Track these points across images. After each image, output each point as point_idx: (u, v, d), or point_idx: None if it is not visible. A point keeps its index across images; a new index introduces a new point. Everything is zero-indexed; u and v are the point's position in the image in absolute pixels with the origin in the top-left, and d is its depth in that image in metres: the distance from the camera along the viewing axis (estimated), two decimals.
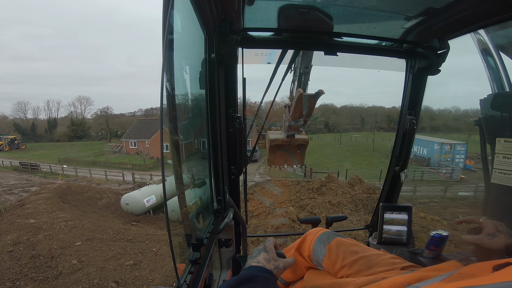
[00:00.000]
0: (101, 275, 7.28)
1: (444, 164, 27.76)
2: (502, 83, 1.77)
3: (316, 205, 12.51)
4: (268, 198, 14.28)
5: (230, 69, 1.76)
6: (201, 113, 1.78)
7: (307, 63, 2.42)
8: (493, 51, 1.79)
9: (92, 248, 8.81)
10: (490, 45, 1.79)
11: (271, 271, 1.09)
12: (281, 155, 3.07)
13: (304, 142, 2.97)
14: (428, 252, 1.67)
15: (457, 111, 30.50)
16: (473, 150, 29.43)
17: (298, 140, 2.90)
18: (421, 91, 2.10)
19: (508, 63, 1.77)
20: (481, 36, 1.80)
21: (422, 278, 0.97)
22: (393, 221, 2.21)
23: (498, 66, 1.78)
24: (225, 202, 1.94)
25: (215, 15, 1.45)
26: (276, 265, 1.13)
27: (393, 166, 2.35)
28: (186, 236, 1.36)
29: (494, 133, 1.75)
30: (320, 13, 1.62)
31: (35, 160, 38.18)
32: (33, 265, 7.48)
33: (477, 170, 26.10)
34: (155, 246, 9.33)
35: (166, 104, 0.99)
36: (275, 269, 1.11)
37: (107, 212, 15.60)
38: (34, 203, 13.29)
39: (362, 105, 78.61)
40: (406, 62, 2.07)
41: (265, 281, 1.00)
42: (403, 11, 1.57)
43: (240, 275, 1.02)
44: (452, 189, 19.54)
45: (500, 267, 0.73)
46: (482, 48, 1.82)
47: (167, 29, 0.88)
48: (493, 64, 1.80)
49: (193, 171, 1.96)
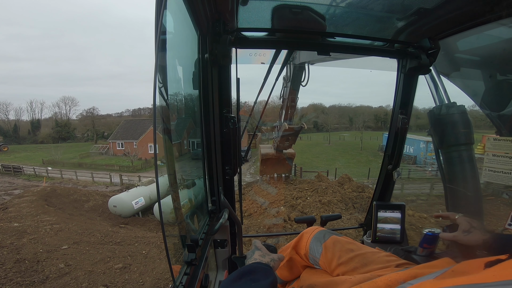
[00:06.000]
0: (89, 278, 7.12)
1: (429, 162, 28.37)
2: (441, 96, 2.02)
3: (306, 204, 12.56)
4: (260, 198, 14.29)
5: (223, 69, 1.75)
6: (194, 114, 1.77)
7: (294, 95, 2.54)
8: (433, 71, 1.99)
9: (79, 251, 8.61)
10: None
11: (268, 264, 1.16)
12: (272, 167, 3.31)
13: (291, 156, 3.28)
14: (421, 250, 1.70)
15: None
16: None
17: (286, 154, 3.18)
18: (412, 91, 2.12)
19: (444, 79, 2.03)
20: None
21: (416, 275, 0.99)
22: (386, 219, 2.24)
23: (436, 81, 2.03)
24: (220, 202, 1.92)
25: (208, 15, 1.44)
26: (271, 258, 1.21)
27: (386, 165, 2.37)
28: (181, 237, 1.35)
29: (441, 140, 1.99)
30: (314, 13, 1.63)
31: (18, 163, 37.04)
32: (18, 269, 7.25)
33: None
34: (144, 249, 9.19)
35: (159, 105, 0.98)
36: (271, 261, 1.19)
37: (94, 215, 15.33)
38: (18, 206, 12.96)
39: (350, 104, 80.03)
40: (397, 62, 2.09)
41: (265, 272, 1.05)
42: (394, 11, 1.60)
43: (241, 269, 1.08)
44: (438, 186, 19.96)
45: (492, 264, 0.75)
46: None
47: (159, 29, 0.87)
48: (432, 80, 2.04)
49: (187, 171, 1.94)
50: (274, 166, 2.70)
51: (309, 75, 2.28)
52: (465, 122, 1.87)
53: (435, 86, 2.01)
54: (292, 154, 2.61)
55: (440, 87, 2.00)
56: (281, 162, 2.65)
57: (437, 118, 2.00)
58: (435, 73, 1.99)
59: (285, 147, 2.44)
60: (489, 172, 1.60)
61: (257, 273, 1.02)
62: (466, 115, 1.87)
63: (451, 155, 1.93)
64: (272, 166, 2.68)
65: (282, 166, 2.72)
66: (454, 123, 1.90)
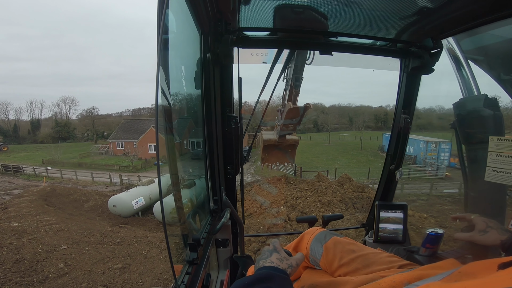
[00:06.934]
0: (89, 279, 7.10)
1: (429, 162, 28.43)
2: (471, 87, 1.88)
3: (306, 204, 12.56)
4: (260, 198, 14.29)
5: (225, 69, 1.76)
6: (196, 113, 1.77)
7: (298, 74, 2.53)
8: (461, 57, 1.89)
9: (79, 251, 8.59)
10: (459, 52, 1.89)
11: (285, 270, 1.08)
12: (274, 154, 3.29)
13: (295, 142, 3.20)
14: (424, 250, 1.69)
15: (441, 110, 31.31)
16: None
17: (289, 140, 3.11)
18: (415, 91, 2.11)
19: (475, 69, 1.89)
20: (450, 44, 1.90)
21: (421, 277, 0.96)
22: (389, 219, 2.23)
23: (467, 72, 1.89)
24: (222, 202, 1.93)
25: (210, 15, 1.44)
26: (289, 263, 1.12)
27: (388, 165, 2.36)
28: (183, 236, 1.35)
29: (467, 134, 1.87)
30: (316, 13, 1.62)
31: (18, 163, 37.01)
32: (18, 269, 7.23)
33: None
34: (144, 249, 9.18)
35: (161, 104, 0.98)
36: (289, 268, 1.10)
37: (94, 215, 15.30)
38: (17, 206, 12.95)
39: (350, 104, 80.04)
40: (400, 61, 2.08)
41: (282, 281, 0.99)
42: (397, 11, 1.58)
43: (257, 274, 1.01)
44: (438, 186, 19.97)
45: (506, 266, 0.70)
46: (452, 54, 1.92)
47: (161, 29, 0.86)
48: (463, 70, 1.91)
49: (189, 171, 1.94)
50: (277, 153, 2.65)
51: (314, 54, 2.27)
52: (496, 117, 1.72)
53: (462, 76, 1.91)
54: (296, 141, 2.60)
55: (470, 77, 1.89)
56: (284, 149, 2.64)
57: (463, 111, 1.89)
58: (465, 62, 1.90)
59: (289, 130, 2.43)
60: (492, 172, 1.59)
61: (274, 282, 0.97)
62: (498, 110, 1.73)
63: (476, 152, 1.82)
64: (274, 153, 2.64)
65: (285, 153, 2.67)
66: (483, 117, 1.75)
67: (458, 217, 1.46)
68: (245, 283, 0.95)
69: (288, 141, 3.14)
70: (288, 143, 3.20)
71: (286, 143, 3.18)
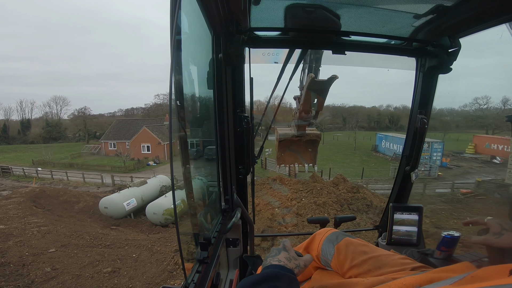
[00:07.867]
0: (77, 283, 7.00)
1: (422, 162, 28.73)
2: None
3: (301, 205, 12.47)
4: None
5: (237, 69, 1.78)
6: (209, 113, 1.80)
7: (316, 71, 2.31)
8: None
9: (67, 254, 8.45)
10: None
11: (292, 270, 1.09)
12: (291, 154, 2.83)
13: (316, 138, 2.73)
14: (439, 253, 1.67)
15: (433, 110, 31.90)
16: (448, 148, 30.69)
17: (309, 135, 2.66)
18: (432, 90, 2.08)
19: None
20: None
21: (433, 280, 0.95)
22: (403, 221, 2.21)
23: None
24: (233, 201, 1.96)
25: (221, 15, 1.46)
26: (297, 264, 1.13)
27: (404, 166, 2.33)
28: (194, 235, 1.37)
29: None
30: (328, 12, 1.60)
31: (7, 163, 36.35)
32: (3, 273, 7.12)
33: (453, 168, 27.27)
34: (135, 252, 9.03)
35: (173, 104, 1.02)
36: (296, 268, 1.12)
37: (85, 216, 15.16)
38: (4, 208, 12.74)
39: (343, 104, 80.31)
40: (416, 60, 2.05)
41: (289, 281, 1.00)
42: (412, 9, 1.56)
43: (264, 273, 1.02)
44: (431, 186, 20.21)
45: None
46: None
47: (174, 29, 0.88)
48: None
49: (201, 170, 2.00)
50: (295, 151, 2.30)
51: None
52: None
53: None
54: (318, 136, 2.20)
55: None
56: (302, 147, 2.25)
57: None
58: None
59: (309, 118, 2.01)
60: None
61: (281, 281, 0.98)
62: None
63: None
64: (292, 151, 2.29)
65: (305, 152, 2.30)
66: None
67: (470, 222, 1.44)
68: (252, 282, 0.97)
69: (308, 135, 2.67)
70: (308, 138, 2.72)
71: (306, 139, 2.71)
